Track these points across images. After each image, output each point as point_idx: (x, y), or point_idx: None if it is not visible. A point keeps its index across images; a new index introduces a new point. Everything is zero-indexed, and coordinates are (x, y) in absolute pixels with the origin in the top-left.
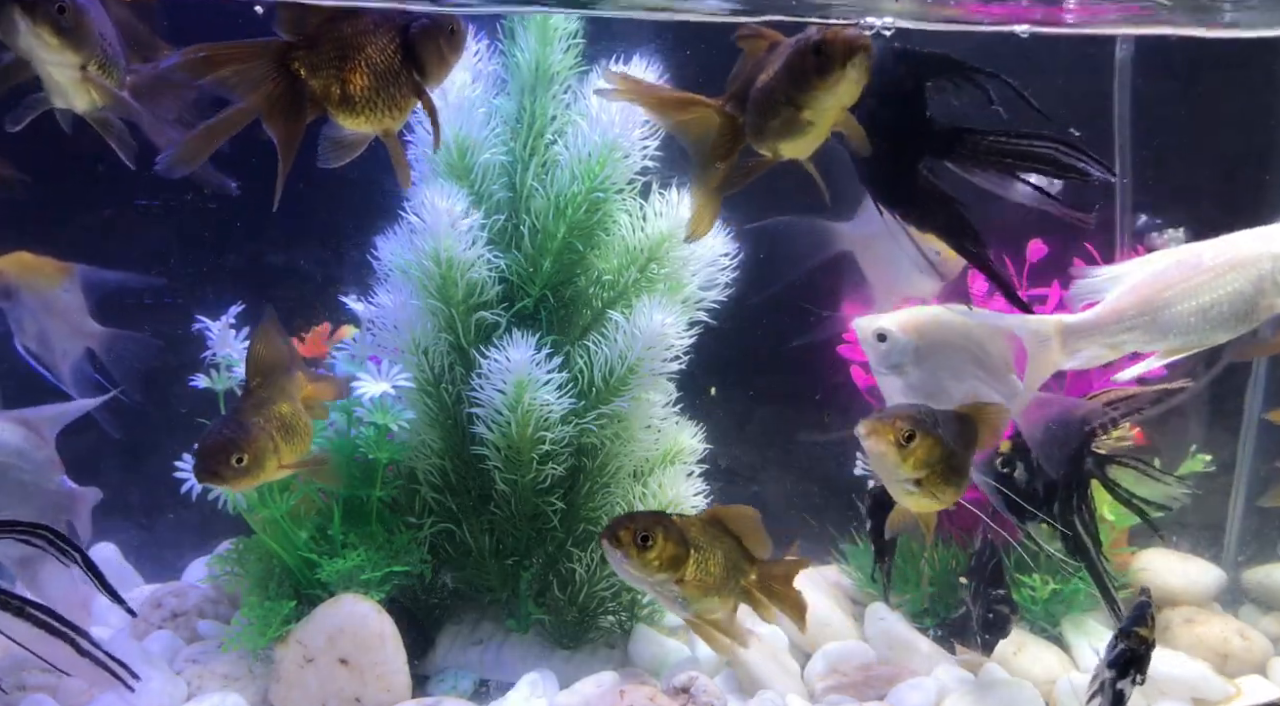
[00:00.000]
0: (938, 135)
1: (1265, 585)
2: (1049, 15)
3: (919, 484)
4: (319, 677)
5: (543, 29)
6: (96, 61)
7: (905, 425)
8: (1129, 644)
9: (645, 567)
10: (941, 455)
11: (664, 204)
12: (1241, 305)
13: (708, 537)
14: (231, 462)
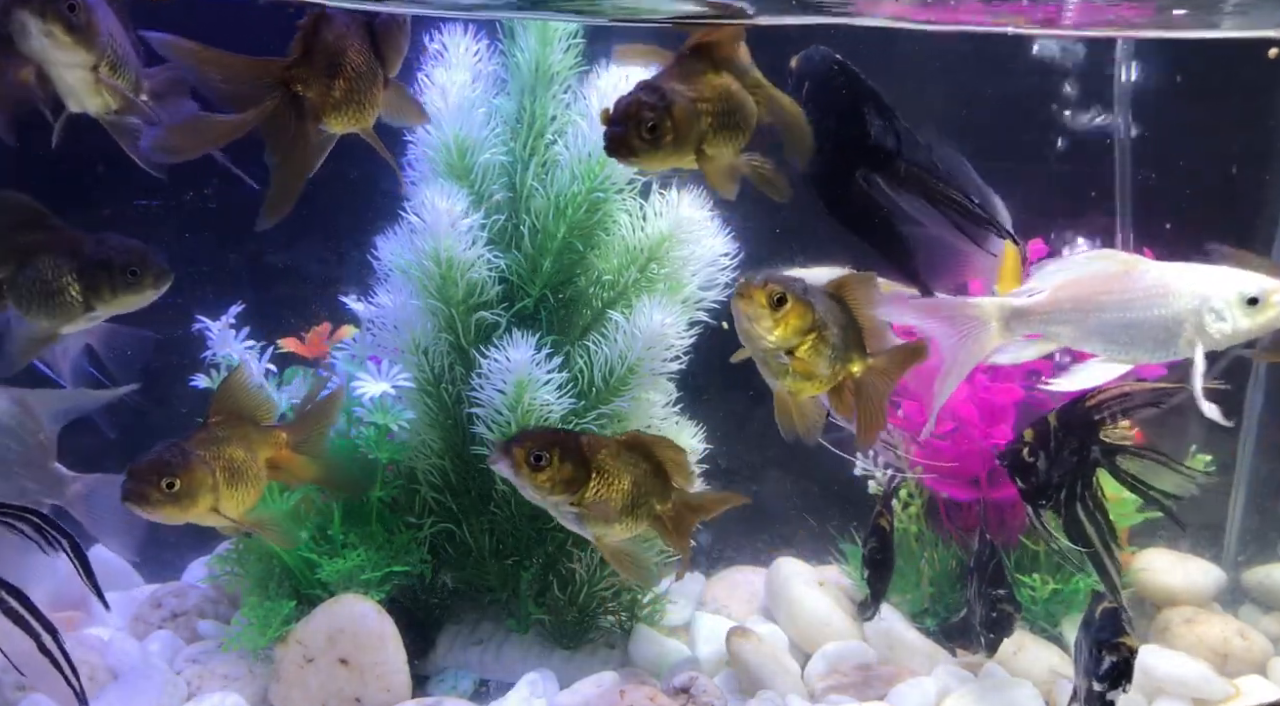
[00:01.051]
0: (871, 153)
1: (1265, 585)
2: (1049, 15)
3: (791, 354)
4: (319, 677)
5: (543, 29)
6: (108, 62)
7: (777, 287)
8: (1119, 656)
9: (538, 488)
10: (813, 324)
11: (664, 204)
12: (1161, 333)
13: (617, 462)
14: (161, 485)
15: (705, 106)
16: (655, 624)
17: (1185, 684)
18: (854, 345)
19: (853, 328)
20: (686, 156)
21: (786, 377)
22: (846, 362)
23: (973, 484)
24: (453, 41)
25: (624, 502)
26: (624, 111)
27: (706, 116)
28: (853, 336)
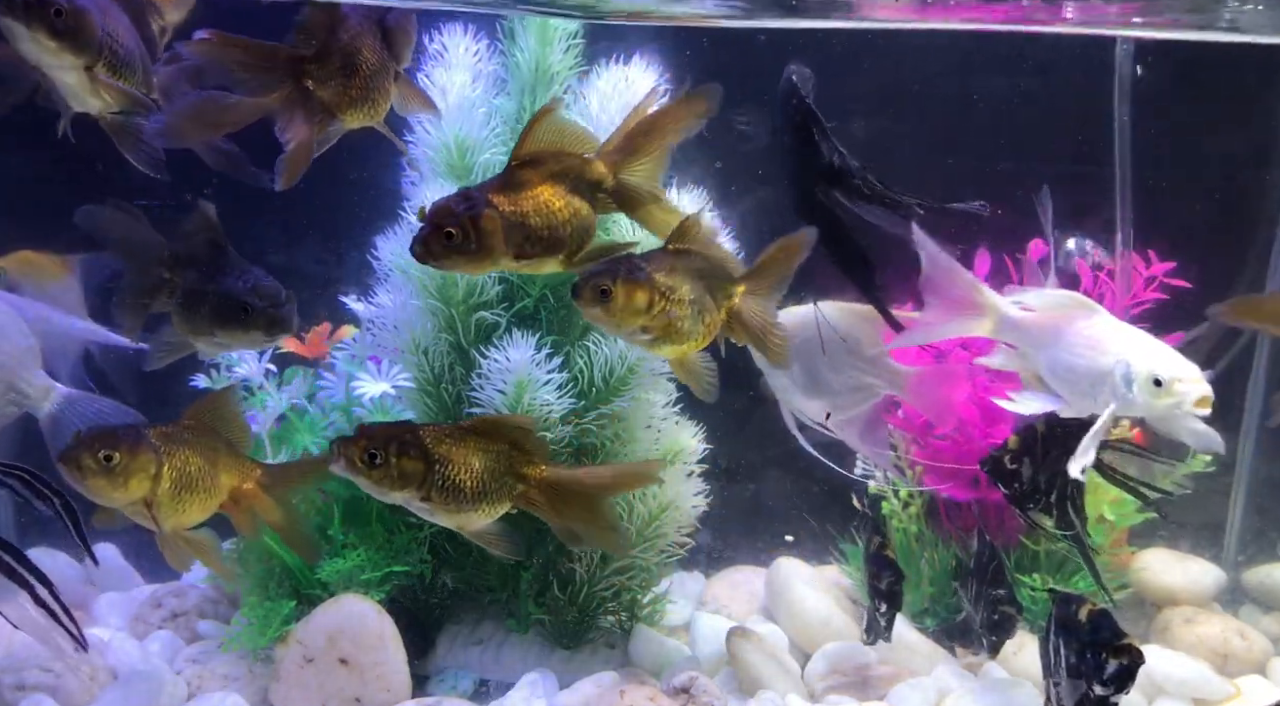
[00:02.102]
0: (826, 169)
1: (1265, 585)
2: (1050, 15)
3: (648, 331)
4: (319, 677)
5: (543, 29)
6: (105, 63)
7: (599, 282)
8: (1128, 659)
9: (377, 486)
10: (653, 296)
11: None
12: (1083, 382)
13: (462, 449)
14: (99, 455)
15: (520, 219)
16: (655, 624)
17: (1185, 684)
18: (717, 286)
19: (709, 270)
20: (501, 263)
21: (664, 347)
22: (717, 304)
23: (972, 484)
24: (453, 42)
25: (475, 489)
26: (431, 215)
27: (519, 230)
28: (712, 280)
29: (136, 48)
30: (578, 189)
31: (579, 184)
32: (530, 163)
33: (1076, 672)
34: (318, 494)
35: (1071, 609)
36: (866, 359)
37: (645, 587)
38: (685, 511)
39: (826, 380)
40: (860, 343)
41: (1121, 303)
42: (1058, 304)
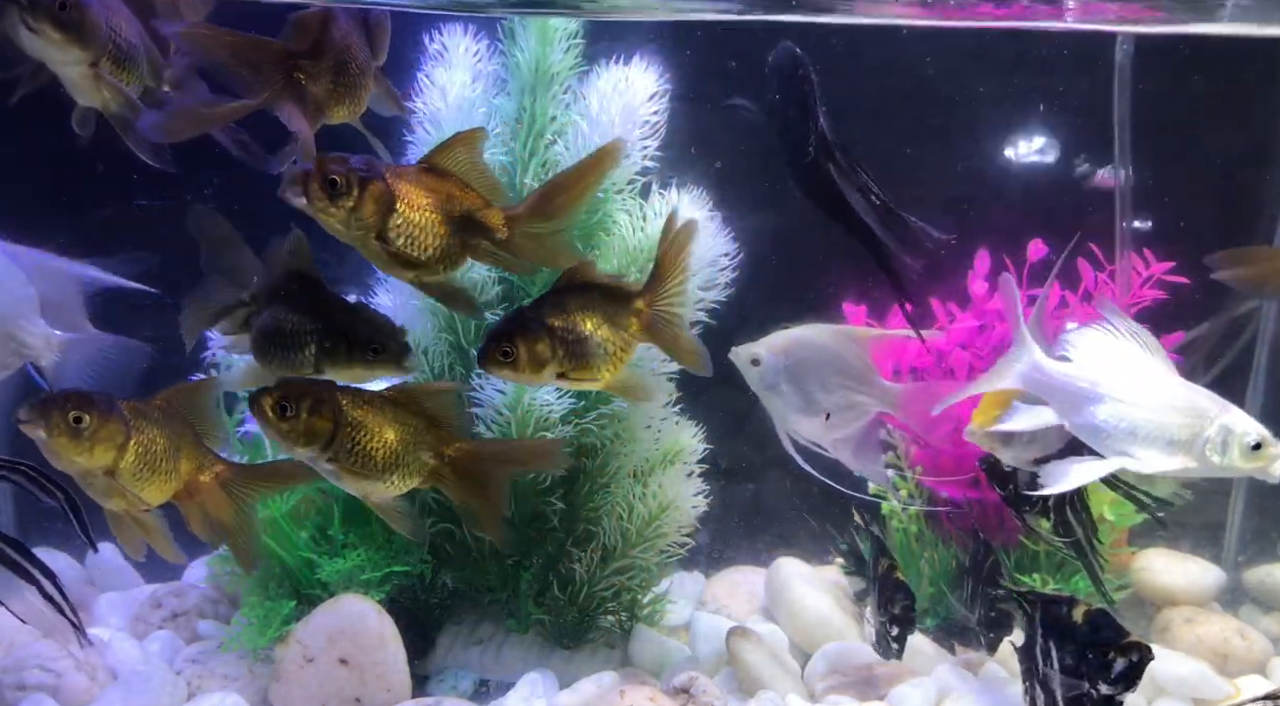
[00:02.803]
0: (825, 142)
1: (1265, 585)
2: (1050, 14)
3: (564, 376)
4: (319, 677)
5: (543, 29)
6: (110, 58)
7: (502, 345)
8: (1137, 656)
9: (284, 438)
10: (554, 345)
11: (664, 204)
12: (1166, 443)
13: (378, 417)
14: (69, 416)
15: (395, 230)
16: (655, 624)
17: (1185, 684)
18: (618, 309)
19: (604, 296)
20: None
21: (585, 383)
22: (623, 325)
23: (972, 484)
24: (453, 42)
25: (385, 459)
26: (308, 169)
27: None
28: (610, 304)
29: (141, 42)
30: (464, 228)
31: (467, 221)
32: (431, 178)
33: (1075, 673)
34: (318, 493)
35: (1063, 610)
36: (856, 378)
37: (645, 587)
38: (685, 511)
39: (818, 400)
40: (850, 363)
41: (1121, 302)
42: (1103, 354)
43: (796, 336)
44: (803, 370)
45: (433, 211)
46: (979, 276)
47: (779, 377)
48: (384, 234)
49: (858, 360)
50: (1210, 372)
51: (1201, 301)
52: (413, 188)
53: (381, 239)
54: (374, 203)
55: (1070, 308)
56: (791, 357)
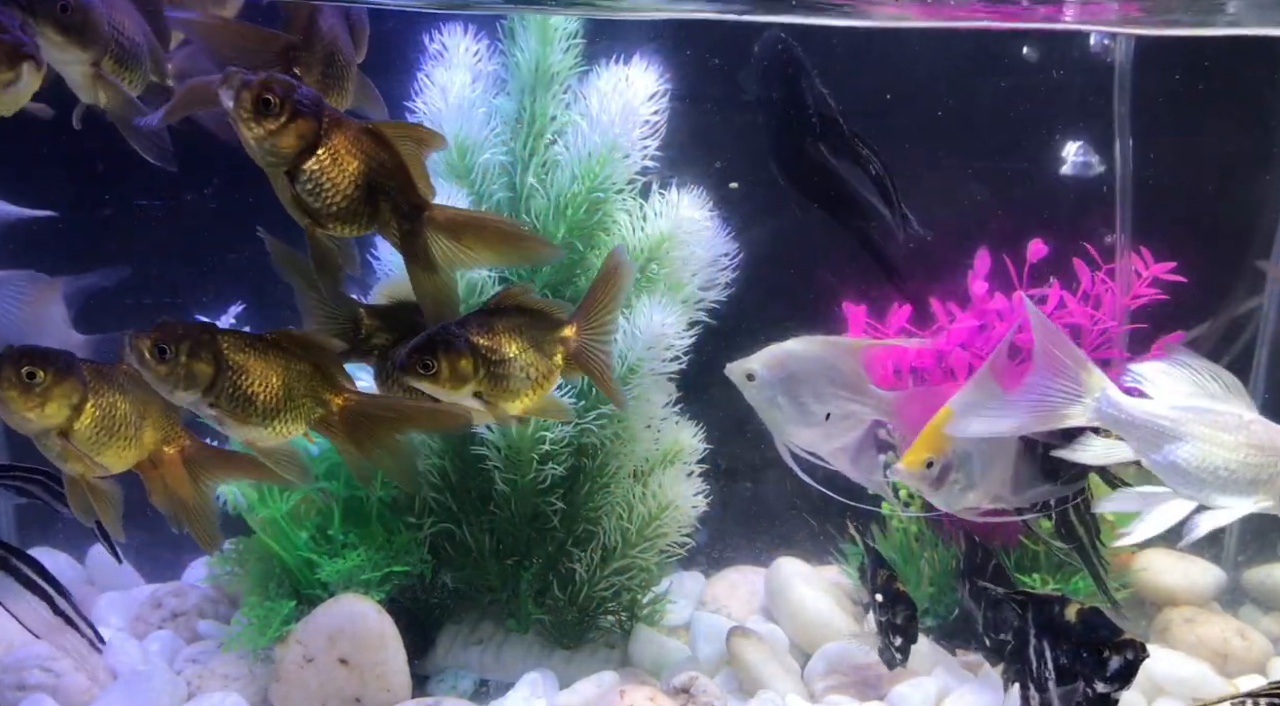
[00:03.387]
0: (814, 120)
1: (1265, 585)
2: (1049, 15)
3: (480, 396)
4: (319, 677)
5: (543, 29)
6: (112, 57)
7: (424, 357)
8: (1131, 654)
9: (162, 382)
10: (477, 363)
11: (664, 204)
12: (1248, 485)
13: (261, 361)
14: (22, 369)
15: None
16: (655, 624)
17: (1185, 684)
18: (545, 336)
19: (532, 322)
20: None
21: (502, 405)
22: (548, 353)
23: None
24: (453, 41)
25: (268, 404)
26: (249, 79)
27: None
28: (538, 330)
29: (144, 41)
30: (378, 200)
31: (384, 194)
32: (369, 140)
33: (1070, 673)
34: (317, 494)
35: (1055, 610)
36: (850, 387)
37: (645, 587)
38: (685, 511)
39: (814, 411)
40: (842, 373)
41: (1121, 302)
42: (1182, 391)
43: (790, 349)
44: (797, 382)
45: (352, 170)
46: (979, 276)
47: (775, 391)
48: (295, 172)
49: (851, 370)
50: None
51: (1201, 301)
52: (344, 139)
53: (291, 176)
54: (297, 137)
55: (1069, 308)
56: (786, 370)
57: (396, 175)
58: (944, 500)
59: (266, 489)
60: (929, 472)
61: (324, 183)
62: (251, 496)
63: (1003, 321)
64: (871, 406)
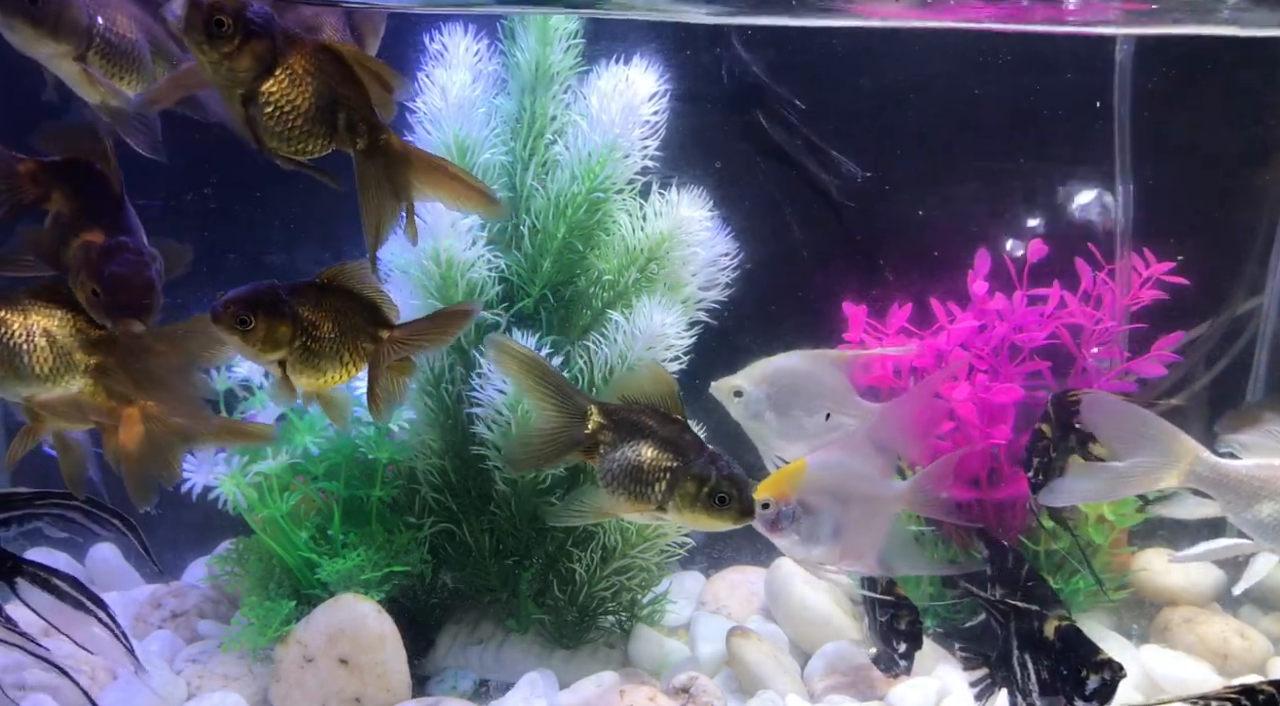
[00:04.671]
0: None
1: (1265, 585)
2: (1049, 15)
3: (284, 364)
4: (319, 677)
5: (543, 29)
6: (97, 52)
7: (243, 311)
8: (1110, 673)
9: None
10: (294, 333)
11: (664, 204)
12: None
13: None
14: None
15: None
16: (655, 624)
17: (1185, 684)
18: (362, 327)
19: (357, 309)
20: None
21: (299, 378)
22: (359, 345)
23: (972, 484)
24: (453, 41)
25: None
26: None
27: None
28: (359, 320)
29: (143, 39)
30: (336, 117)
31: (342, 112)
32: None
33: (1052, 689)
34: (317, 494)
35: (1034, 625)
36: (838, 400)
37: (645, 587)
38: None
39: (803, 424)
40: (829, 386)
41: (1121, 302)
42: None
43: (777, 365)
44: (785, 397)
45: (311, 90)
46: (979, 276)
47: (763, 407)
48: (253, 94)
49: (837, 382)
50: (1210, 373)
51: (1201, 301)
52: (301, 58)
53: (248, 102)
54: (252, 58)
55: (1069, 308)
56: (774, 386)
57: (354, 95)
58: (783, 546)
59: (267, 489)
60: (765, 514)
61: (283, 104)
62: (251, 496)
63: (1003, 322)
64: (859, 417)
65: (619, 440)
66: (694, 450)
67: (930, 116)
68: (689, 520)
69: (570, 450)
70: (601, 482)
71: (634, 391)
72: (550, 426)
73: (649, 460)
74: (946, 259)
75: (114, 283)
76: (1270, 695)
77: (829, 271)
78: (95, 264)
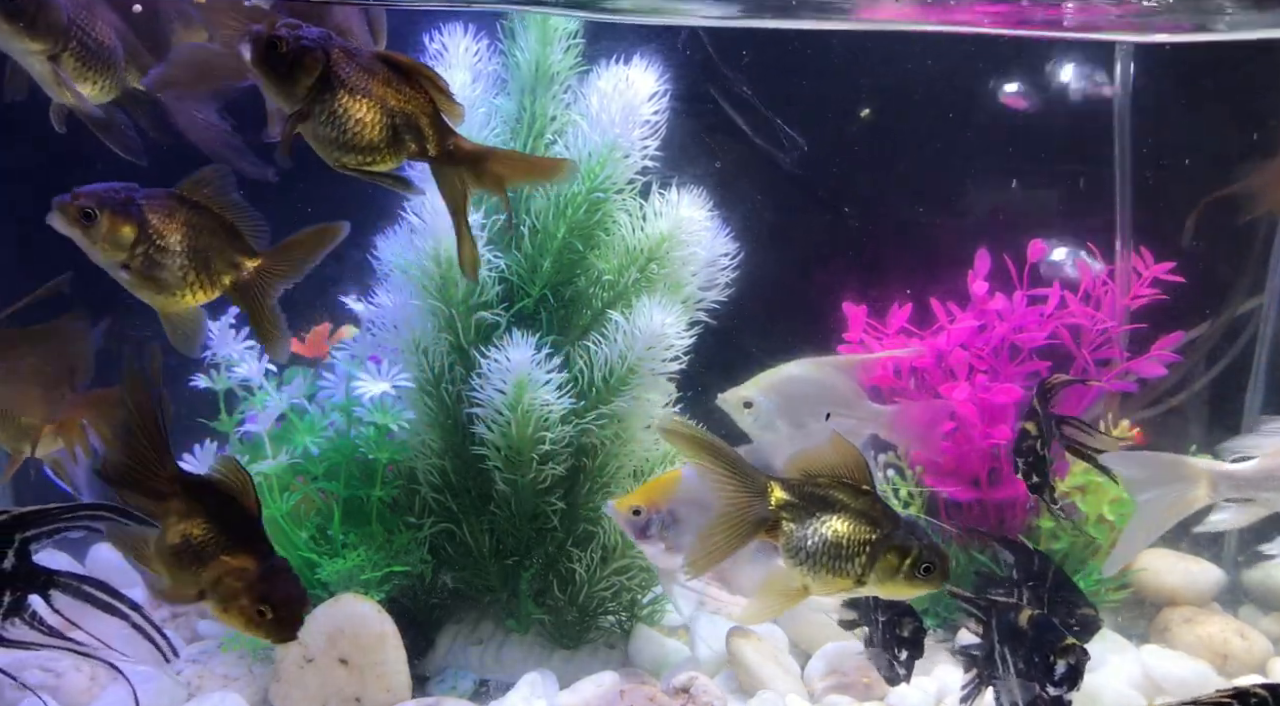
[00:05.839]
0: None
1: (1265, 585)
2: (1049, 17)
3: (128, 269)
4: (319, 677)
5: (543, 29)
6: (71, 53)
7: (89, 203)
8: (1074, 659)
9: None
10: (139, 239)
11: (664, 204)
12: None
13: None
14: None
15: None
16: (655, 624)
17: (1185, 684)
18: (223, 251)
19: (219, 230)
20: None
21: (144, 292)
22: (218, 269)
23: (973, 484)
24: (453, 41)
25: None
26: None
27: None
28: (220, 242)
29: (118, 45)
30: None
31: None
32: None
33: (1028, 676)
34: (317, 494)
35: (1012, 617)
36: (847, 405)
37: (645, 587)
38: None
39: (813, 431)
40: (839, 391)
41: (1121, 302)
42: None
43: (785, 374)
44: (795, 406)
45: (374, 99)
46: (979, 276)
47: (773, 417)
48: (313, 110)
49: (846, 388)
50: (1210, 373)
51: (1201, 301)
52: (361, 74)
53: (314, 119)
54: (314, 79)
55: (1069, 308)
56: (783, 395)
57: (420, 105)
58: (650, 553)
59: (266, 489)
60: (635, 520)
61: (346, 118)
62: None
63: (1003, 322)
64: (870, 421)
65: (807, 516)
66: (889, 521)
67: (928, 115)
68: (887, 591)
69: (755, 532)
70: (790, 560)
71: (818, 464)
72: (731, 508)
73: (846, 535)
74: (944, 260)
75: (287, 607)
76: (1263, 698)
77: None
78: (260, 588)
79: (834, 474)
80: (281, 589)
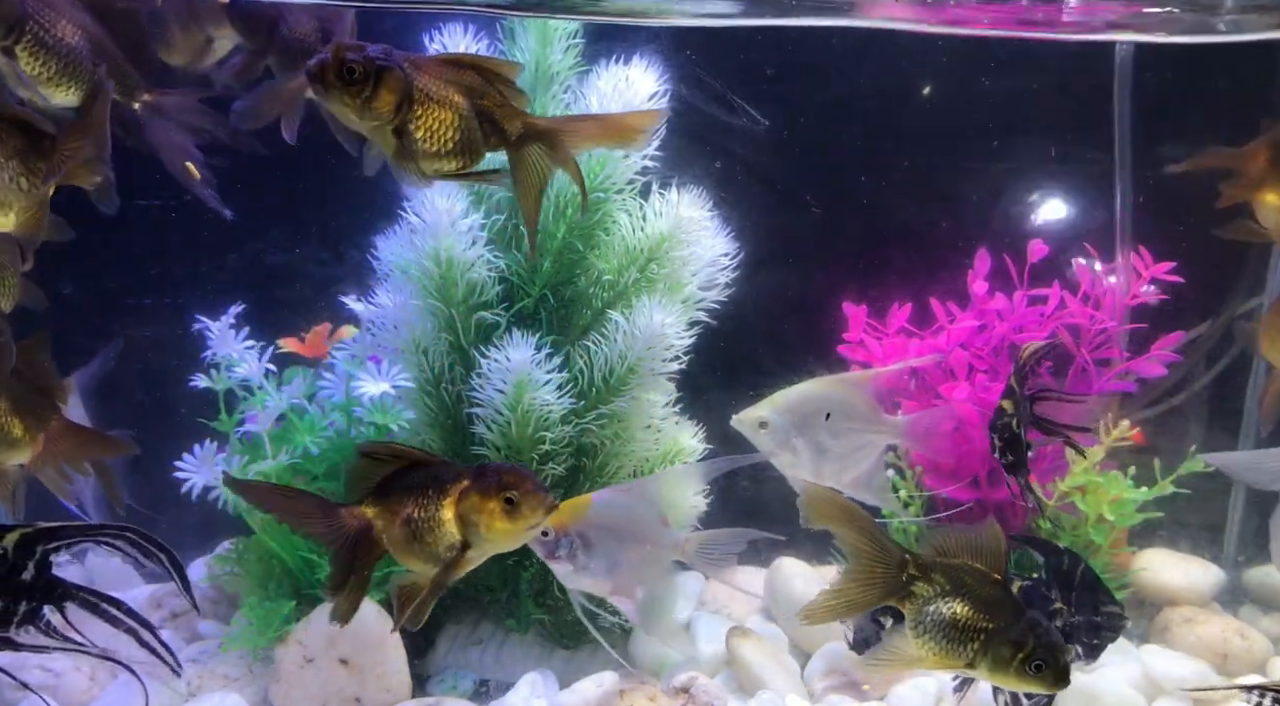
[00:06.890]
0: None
1: (1265, 585)
2: (1049, 16)
3: None
4: (319, 677)
5: (542, 29)
6: (26, 47)
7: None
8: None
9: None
10: None
11: (664, 204)
12: None
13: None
14: None
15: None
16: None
17: (1185, 683)
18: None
19: None
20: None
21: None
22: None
23: (973, 484)
24: (453, 42)
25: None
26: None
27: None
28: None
29: (82, 47)
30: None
31: (485, 115)
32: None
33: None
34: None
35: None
36: (863, 419)
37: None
38: (685, 511)
39: (829, 447)
40: (855, 406)
41: (1121, 302)
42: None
43: (800, 393)
44: (811, 424)
45: (453, 104)
46: (979, 276)
47: (789, 435)
48: (402, 127)
49: (862, 403)
50: (1210, 373)
51: (1201, 301)
52: (433, 81)
53: (400, 134)
54: (390, 93)
55: (1069, 308)
56: (798, 414)
57: (491, 96)
58: (559, 573)
59: None
60: (545, 540)
61: (432, 125)
62: None
63: (1003, 322)
64: (886, 434)
65: (935, 594)
66: (1011, 613)
67: (928, 115)
68: (997, 680)
69: (884, 598)
70: (912, 632)
71: (961, 546)
72: (865, 573)
73: (965, 619)
74: (943, 260)
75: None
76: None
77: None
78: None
79: (970, 556)
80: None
